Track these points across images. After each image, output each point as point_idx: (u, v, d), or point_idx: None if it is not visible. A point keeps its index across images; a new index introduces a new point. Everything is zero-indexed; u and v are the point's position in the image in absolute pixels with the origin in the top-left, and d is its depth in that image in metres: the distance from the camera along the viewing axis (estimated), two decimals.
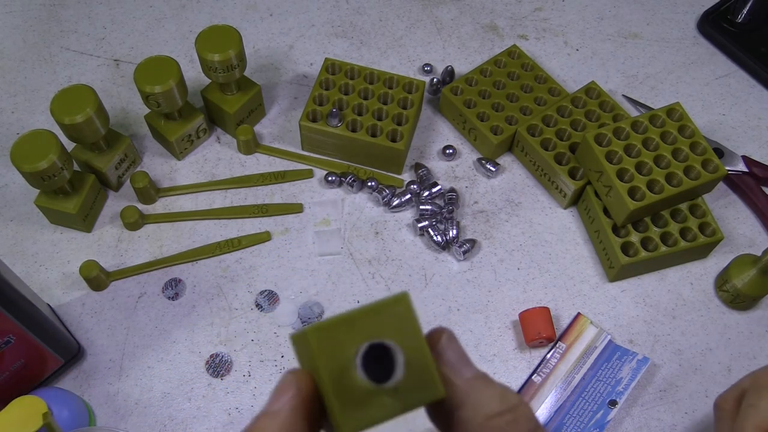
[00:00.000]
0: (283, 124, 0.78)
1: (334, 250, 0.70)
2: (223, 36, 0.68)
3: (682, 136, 0.68)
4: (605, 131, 0.68)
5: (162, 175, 0.74)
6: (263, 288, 0.68)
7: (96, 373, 0.63)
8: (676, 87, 0.82)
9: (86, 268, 0.65)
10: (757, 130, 0.79)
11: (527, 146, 0.73)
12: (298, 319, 0.66)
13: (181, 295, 0.67)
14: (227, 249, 0.69)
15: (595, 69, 0.83)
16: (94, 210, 0.70)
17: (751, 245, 0.71)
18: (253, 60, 0.82)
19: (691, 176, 0.67)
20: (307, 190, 0.73)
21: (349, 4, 0.87)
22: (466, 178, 0.74)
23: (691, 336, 0.66)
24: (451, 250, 0.70)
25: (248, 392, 0.63)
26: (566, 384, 0.62)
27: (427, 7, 0.87)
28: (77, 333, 0.65)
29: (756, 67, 0.81)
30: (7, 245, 0.70)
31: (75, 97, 0.65)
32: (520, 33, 0.85)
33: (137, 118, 0.78)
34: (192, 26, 0.85)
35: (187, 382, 0.63)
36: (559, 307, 0.67)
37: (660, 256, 0.66)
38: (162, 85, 0.66)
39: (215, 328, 0.66)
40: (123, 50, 0.83)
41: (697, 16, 0.87)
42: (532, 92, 0.76)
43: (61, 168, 0.63)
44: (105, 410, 0.62)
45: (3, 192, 0.73)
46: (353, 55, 0.83)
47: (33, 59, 0.82)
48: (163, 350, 0.65)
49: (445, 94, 0.76)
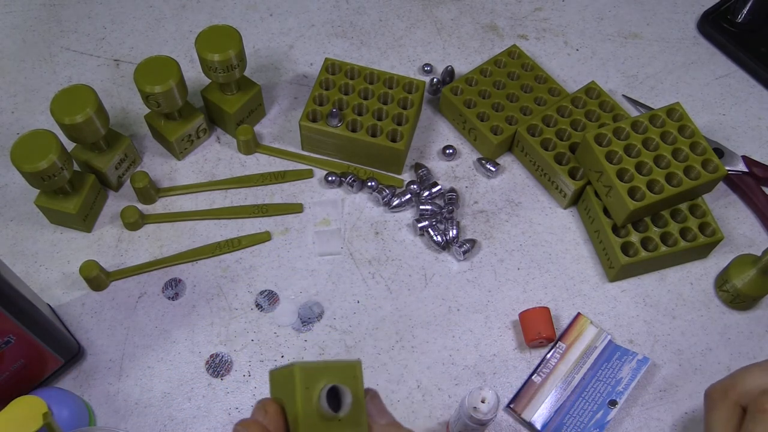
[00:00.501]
0: (283, 124, 0.78)
1: (334, 250, 0.70)
2: (223, 36, 0.68)
3: (682, 136, 0.68)
4: (605, 131, 0.68)
5: (162, 175, 0.74)
6: (263, 288, 0.68)
7: (96, 373, 0.63)
8: (676, 87, 0.82)
9: (86, 268, 0.65)
10: (757, 130, 0.79)
11: (527, 146, 0.73)
12: (298, 319, 0.66)
13: (181, 295, 0.67)
14: (227, 249, 0.69)
15: (595, 69, 0.83)
16: (94, 210, 0.70)
17: (751, 245, 0.71)
18: (253, 60, 0.82)
19: (691, 176, 0.67)
20: (307, 190, 0.73)
21: (349, 4, 0.87)
22: (466, 178, 0.74)
23: (691, 336, 0.66)
24: (451, 250, 0.70)
25: (248, 392, 0.63)
26: (566, 384, 0.62)
27: (427, 7, 0.87)
28: (77, 333, 0.65)
29: (756, 67, 0.81)
30: (7, 245, 0.70)
31: (75, 97, 0.65)
32: (520, 33, 0.85)
33: (137, 118, 0.78)
34: (192, 26, 0.85)
35: (187, 382, 0.63)
36: (559, 307, 0.67)
37: (660, 256, 0.66)
38: (162, 85, 0.66)
39: (215, 328, 0.66)
40: (123, 50, 0.83)
41: (697, 16, 0.87)
42: (532, 92, 0.76)
43: (61, 168, 0.63)
44: (105, 410, 0.62)
45: (3, 192, 0.73)
46: (353, 55, 0.83)
47: (33, 59, 0.82)
48: (163, 350, 0.65)
49: (445, 94, 0.76)
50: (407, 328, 0.66)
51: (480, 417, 0.52)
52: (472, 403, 0.52)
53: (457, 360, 0.64)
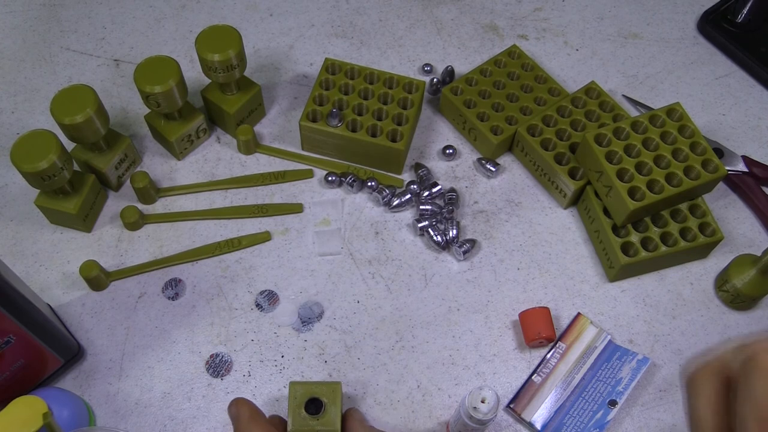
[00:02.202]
0: (283, 124, 0.78)
1: (334, 250, 0.70)
2: (223, 36, 0.68)
3: (682, 136, 0.68)
4: (605, 131, 0.68)
5: (162, 175, 0.74)
6: (263, 288, 0.68)
7: (96, 373, 0.63)
8: (676, 87, 0.82)
9: (86, 268, 0.65)
10: (757, 130, 0.79)
11: (527, 146, 0.73)
12: (298, 319, 0.66)
13: (181, 295, 0.67)
14: (227, 249, 0.69)
15: (595, 69, 0.83)
16: (94, 210, 0.70)
17: (751, 245, 0.71)
18: (253, 60, 0.82)
19: (691, 176, 0.67)
20: (307, 190, 0.73)
21: (349, 4, 0.87)
22: (466, 178, 0.74)
23: (691, 336, 0.66)
24: (451, 250, 0.70)
25: (248, 392, 0.63)
26: (566, 384, 0.62)
27: (427, 7, 0.87)
28: (77, 333, 0.65)
29: (756, 67, 0.81)
30: (7, 245, 0.70)
31: (75, 97, 0.65)
32: (520, 33, 0.85)
33: (137, 118, 0.78)
34: (192, 26, 0.85)
35: (187, 382, 0.63)
36: (559, 307, 0.67)
37: (660, 256, 0.66)
38: (162, 85, 0.66)
39: (215, 328, 0.66)
40: (123, 50, 0.83)
41: (697, 16, 0.87)
42: (532, 92, 0.76)
43: (61, 168, 0.63)
44: (105, 410, 0.62)
45: (3, 192, 0.73)
46: (353, 55, 0.83)
47: (33, 59, 0.82)
48: (163, 350, 0.65)
49: (445, 94, 0.76)
50: (407, 328, 0.66)
51: (480, 417, 0.52)
52: (472, 403, 0.52)
53: (457, 360, 0.64)
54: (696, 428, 0.38)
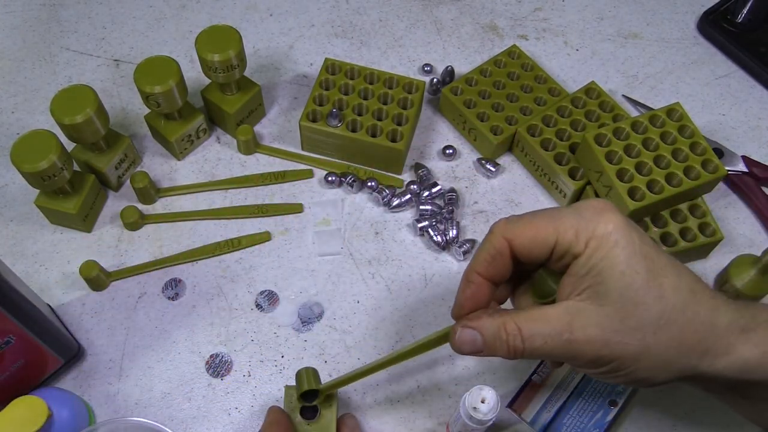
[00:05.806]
0: (283, 124, 0.78)
1: (334, 250, 0.70)
2: (223, 36, 0.68)
3: (682, 137, 0.68)
4: (605, 131, 0.68)
5: (162, 175, 0.74)
6: (263, 288, 0.68)
7: (96, 373, 0.63)
8: (676, 87, 0.82)
9: (86, 268, 0.65)
10: (757, 130, 0.79)
11: (527, 146, 0.73)
12: (298, 319, 0.66)
13: (181, 295, 0.67)
14: (227, 249, 0.69)
15: (595, 69, 0.83)
16: (94, 210, 0.70)
17: (751, 245, 0.71)
18: (253, 60, 0.82)
19: (691, 176, 0.67)
20: (307, 190, 0.73)
21: (349, 4, 0.87)
22: (466, 178, 0.74)
23: None
24: (451, 250, 0.70)
25: (248, 392, 0.63)
26: (566, 384, 0.62)
27: (427, 7, 0.87)
28: (77, 333, 0.65)
29: (756, 67, 0.81)
30: (7, 245, 0.70)
31: (75, 97, 0.65)
32: (520, 33, 0.85)
33: (137, 118, 0.78)
34: (192, 26, 0.85)
35: (187, 382, 0.63)
36: None
37: None
38: (162, 85, 0.66)
39: (215, 328, 0.66)
40: (123, 50, 0.83)
41: (697, 16, 0.87)
42: (532, 92, 0.76)
43: (61, 168, 0.63)
44: (105, 410, 0.62)
45: (3, 192, 0.73)
46: (353, 55, 0.83)
47: (33, 59, 0.82)
48: (163, 350, 0.65)
49: (445, 94, 0.76)
50: (407, 328, 0.66)
51: (480, 417, 0.52)
52: (472, 403, 0.52)
53: (457, 360, 0.64)
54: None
